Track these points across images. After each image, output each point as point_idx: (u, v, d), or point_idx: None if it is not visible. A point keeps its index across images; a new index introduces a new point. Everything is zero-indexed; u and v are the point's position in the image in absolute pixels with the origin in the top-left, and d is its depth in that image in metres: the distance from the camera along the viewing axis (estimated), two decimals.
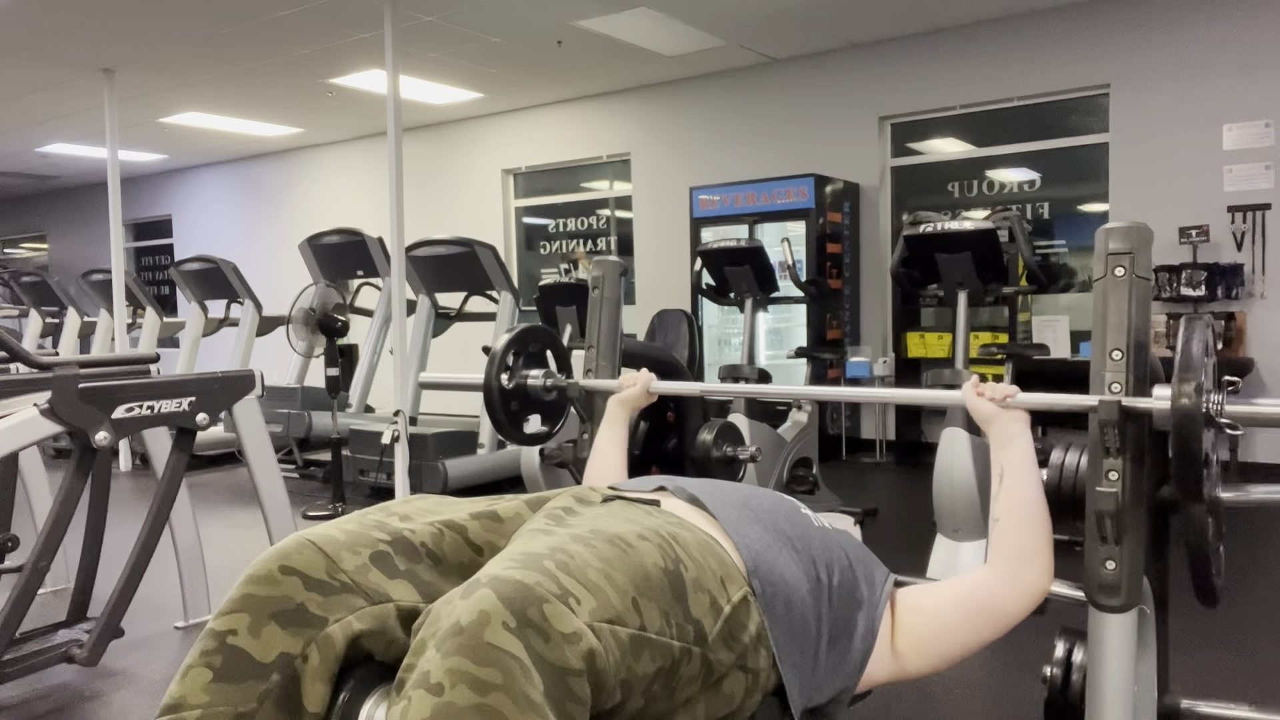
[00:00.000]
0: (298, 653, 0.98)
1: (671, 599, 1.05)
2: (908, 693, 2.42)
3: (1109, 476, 1.33)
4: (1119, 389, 1.33)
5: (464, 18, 5.44)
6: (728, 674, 1.11)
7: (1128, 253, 1.36)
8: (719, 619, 1.10)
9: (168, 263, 9.78)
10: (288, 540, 1.05)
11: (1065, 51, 5.52)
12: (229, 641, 0.97)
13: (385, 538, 1.08)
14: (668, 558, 1.08)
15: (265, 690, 0.96)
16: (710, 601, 1.09)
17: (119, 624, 2.45)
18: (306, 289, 5.22)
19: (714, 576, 1.12)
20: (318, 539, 1.04)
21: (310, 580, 1.00)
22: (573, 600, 0.93)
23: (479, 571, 0.95)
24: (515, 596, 0.89)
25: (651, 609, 1.01)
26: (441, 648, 0.88)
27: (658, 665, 1.00)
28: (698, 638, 1.06)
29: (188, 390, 2.46)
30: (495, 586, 0.90)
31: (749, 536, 1.23)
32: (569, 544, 1.01)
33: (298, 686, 0.98)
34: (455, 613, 0.90)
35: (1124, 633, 1.38)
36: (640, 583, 1.02)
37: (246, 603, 0.99)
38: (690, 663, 1.05)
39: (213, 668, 0.97)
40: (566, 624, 0.90)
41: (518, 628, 0.88)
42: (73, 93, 6.87)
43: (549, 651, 0.88)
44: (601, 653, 0.92)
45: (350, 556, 1.04)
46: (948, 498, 3.29)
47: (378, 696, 1.02)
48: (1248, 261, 5.00)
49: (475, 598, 0.90)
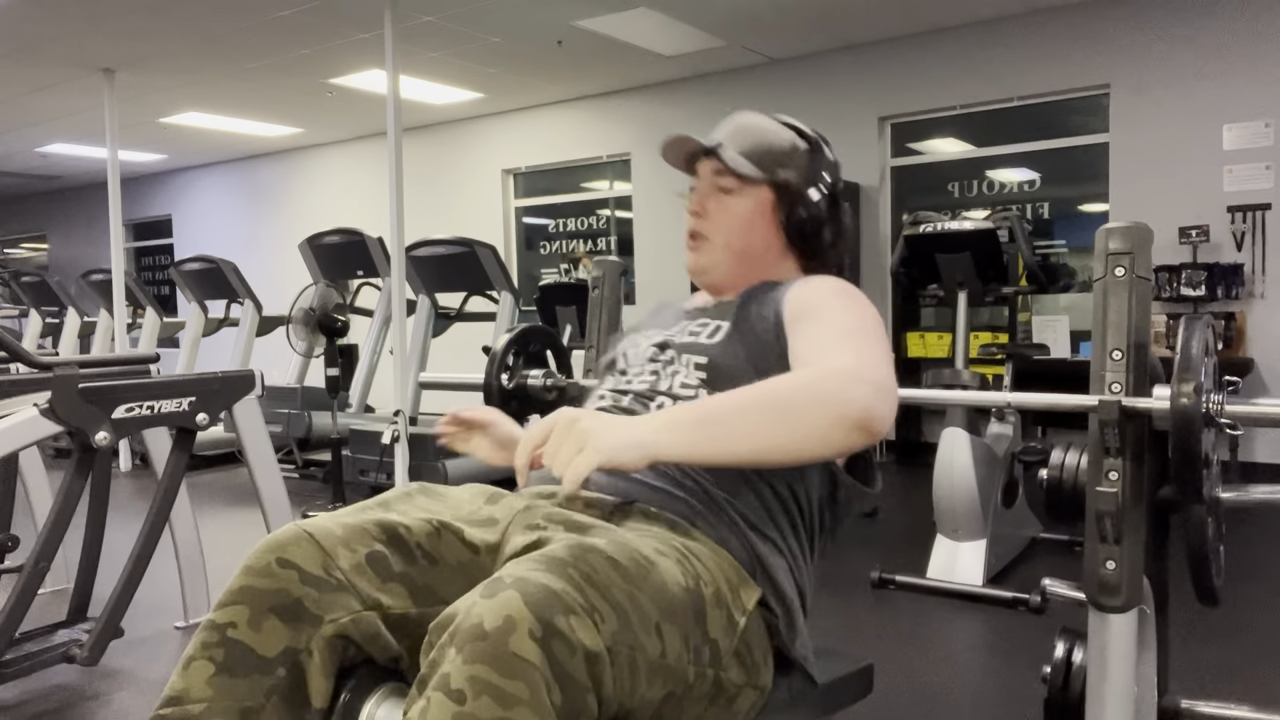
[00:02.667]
0: (301, 647, 0.97)
1: (693, 622, 1.02)
2: (908, 693, 2.42)
3: (1109, 476, 1.33)
4: (1119, 389, 1.33)
5: (464, 18, 5.43)
6: (739, 694, 1.10)
7: (1128, 253, 1.35)
8: (735, 635, 1.09)
9: (168, 263, 9.78)
10: (284, 530, 1.04)
11: (1065, 51, 5.52)
12: (229, 634, 0.97)
13: (381, 535, 1.07)
14: (688, 574, 1.05)
15: (272, 685, 0.96)
16: (727, 619, 1.08)
17: (119, 624, 2.44)
18: (306, 289, 5.22)
19: (731, 588, 1.11)
20: (315, 532, 1.03)
21: (306, 575, 1.00)
22: (598, 616, 0.90)
23: (501, 570, 0.91)
24: (542, 602, 0.86)
25: (674, 634, 0.99)
26: (463, 650, 0.84)
27: (668, 690, 0.99)
28: (713, 659, 1.05)
29: (188, 390, 2.46)
30: (521, 589, 0.86)
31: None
32: (589, 555, 0.97)
33: (303, 682, 0.97)
34: (478, 613, 0.86)
35: (1124, 633, 1.38)
36: (664, 605, 0.99)
37: (245, 595, 0.99)
38: (702, 684, 1.03)
39: (215, 661, 0.96)
40: (592, 642, 0.88)
41: (544, 637, 0.84)
42: (73, 93, 6.86)
43: (572, 666, 0.86)
44: (610, 680, 0.89)
45: (346, 554, 1.03)
46: (947, 498, 3.29)
47: (378, 696, 1.02)
48: (1248, 261, 4.99)
49: (500, 599, 0.86)
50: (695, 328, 1.36)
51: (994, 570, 3.31)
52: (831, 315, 1.24)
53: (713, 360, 1.28)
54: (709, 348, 1.30)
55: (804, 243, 1.40)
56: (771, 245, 1.39)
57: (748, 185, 1.36)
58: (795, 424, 1.01)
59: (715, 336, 1.32)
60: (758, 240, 1.38)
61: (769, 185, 1.37)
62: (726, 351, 1.29)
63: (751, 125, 1.40)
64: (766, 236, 1.38)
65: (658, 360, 1.35)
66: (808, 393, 1.03)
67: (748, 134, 1.39)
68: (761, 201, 1.37)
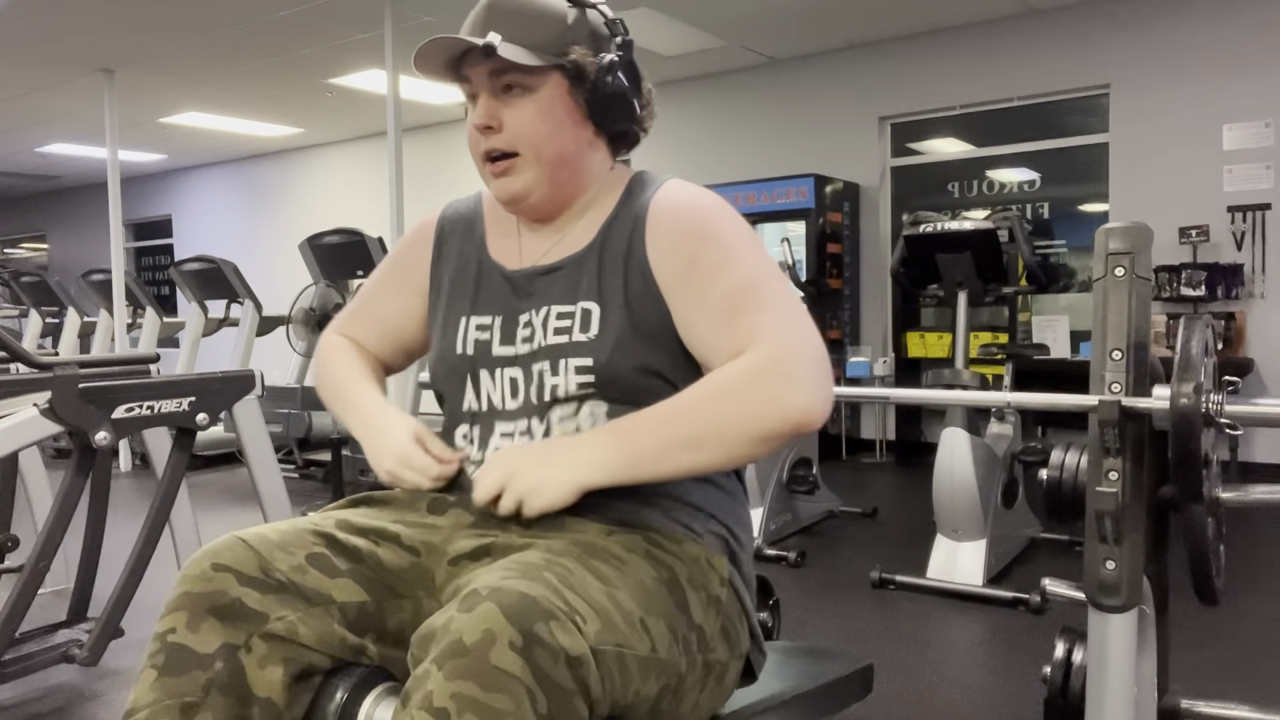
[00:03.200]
0: (240, 643, 0.97)
1: (675, 610, 1.02)
2: (908, 693, 2.42)
3: (1109, 476, 1.33)
4: (1119, 389, 1.33)
5: (464, 18, 5.43)
6: (726, 670, 1.10)
7: (1128, 253, 1.35)
8: (718, 613, 1.08)
9: (168, 263, 9.77)
10: (219, 539, 1.04)
11: (1065, 51, 5.52)
12: (169, 640, 0.97)
13: (319, 541, 1.06)
14: (659, 565, 1.05)
15: (209, 679, 0.95)
16: (707, 598, 1.07)
17: (119, 624, 2.44)
18: (306, 289, 5.22)
19: (699, 566, 1.09)
20: (248, 536, 1.03)
21: (243, 576, 0.99)
22: (579, 619, 0.89)
23: (476, 582, 0.90)
24: (521, 611, 0.85)
25: (660, 627, 0.98)
26: (444, 667, 0.84)
27: (663, 683, 0.98)
28: (700, 644, 1.04)
29: (188, 390, 2.46)
30: (499, 600, 0.86)
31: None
32: (562, 558, 0.96)
33: (243, 673, 0.96)
34: (457, 628, 0.85)
35: (1124, 633, 1.38)
36: (644, 600, 0.98)
37: (183, 601, 0.99)
38: (694, 671, 1.03)
39: (157, 666, 0.96)
40: (574, 645, 0.87)
41: (524, 646, 0.84)
42: (73, 93, 6.86)
43: (555, 672, 0.85)
44: (598, 681, 0.89)
45: (284, 556, 1.02)
46: (948, 498, 3.29)
47: (377, 694, 1.02)
48: (1248, 261, 5.00)
49: (478, 613, 0.85)
50: (556, 315, 1.14)
51: (994, 570, 3.31)
52: (724, 266, 1.08)
53: (599, 367, 1.10)
54: (589, 347, 1.10)
55: (614, 122, 1.18)
56: (580, 138, 1.16)
57: (537, 77, 1.12)
58: (728, 444, 1.02)
59: (589, 328, 1.11)
60: (569, 139, 1.15)
61: (558, 69, 1.12)
62: (615, 353, 1.10)
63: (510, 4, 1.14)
64: (575, 130, 1.15)
65: (517, 364, 1.15)
66: (738, 410, 1.01)
67: (513, 16, 1.13)
68: (558, 91, 1.13)
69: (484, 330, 1.19)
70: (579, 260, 1.16)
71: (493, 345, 1.18)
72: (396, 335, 1.34)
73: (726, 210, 1.15)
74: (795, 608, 3.09)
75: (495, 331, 1.18)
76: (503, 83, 1.13)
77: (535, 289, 1.17)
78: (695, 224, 1.12)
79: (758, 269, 1.09)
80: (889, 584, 3.27)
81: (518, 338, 1.16)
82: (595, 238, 1.16)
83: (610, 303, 1.12)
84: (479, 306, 1.20)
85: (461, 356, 1.19)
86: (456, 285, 1.24)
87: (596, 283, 1.13)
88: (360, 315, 1.37)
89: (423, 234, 1.30)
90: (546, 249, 1.19)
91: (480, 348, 1.18)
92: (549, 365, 1.12)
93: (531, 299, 1.17)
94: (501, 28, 1.11)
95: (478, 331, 1.19)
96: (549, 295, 1.16)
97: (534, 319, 1.15)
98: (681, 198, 1.16)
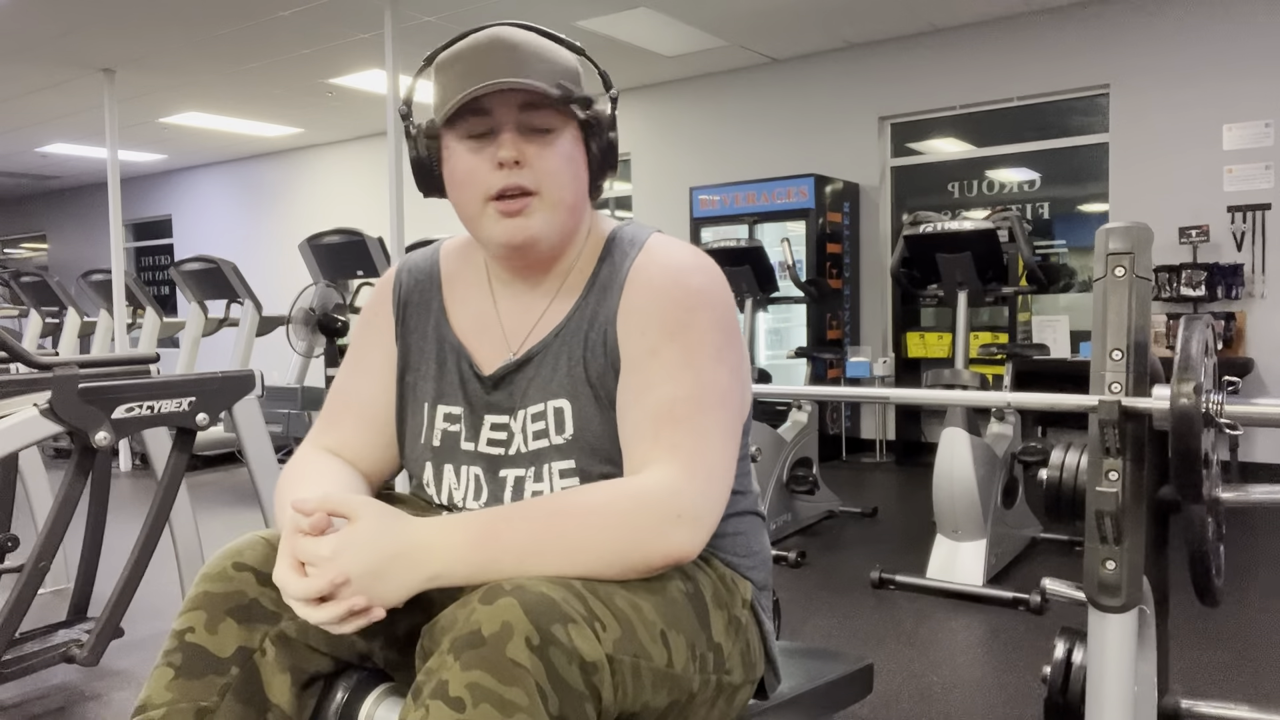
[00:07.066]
0: (255, 646, 0.98)
1: (697, 626, 1.02)
2: (908, 693, 2.42)
3: (1109, 476, 1.33)
4: (1119, 389, 1.33)
5: (464, 18, 5.43)
6: (738, 691, 1.10)
7: (1128, 253, 1.35)
8: (738, 636, 1.08)
9: (168, 263, 9.78)
10: (242, 538, 1.04)
11: (1065, 51, 5.52)
12: (187, 639, 0.97)
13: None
14: (686, 577, 1.04)
15: (225, 684, 0.96)
16: (728, 618, 1.08)
17: (119, 624, 2.44)
18: (306, 289, 5.22)
19: (725, 583, 1.10)
20: (271, 537, 1.04)
21: (262, 575, 1.00)
22: (599, 625, 0.89)
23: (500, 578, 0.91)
24: (540, 611, 0.85)
25: (680, 642, 0.98)
26: (461, 657, 0.84)
27: (673, 699, 0.98)
28: (717, 665, 1.04)
29: (188, 390, 2.46)
30: (520, 596, 0.86)
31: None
32: None
33: (258, 679, 0.97)
34: (476, 619, 0.86)
35: (1124, 633, 1.38)
36: (668, 613, 0.98)
37: (202, 600, 0.99)
38: (706, 690, 1.03)
39: (174, 665, 0.97)
40: (590, 651, 0.87)
41: (540, 645, 0.84)
42: (73, 93, 6.86)
43: (568, 674, 0.85)
44: (610, 689, 0.89)
45: None
46: (948, 498, 3.29)
47: (377, 695, 1.02)
48: (1248, 261, 5.00)
49: (499, 605, 0.85)
50: (531, 417, 1.10)
51: (994, 570, 3.31)
52: (677, 371, 1.03)
53: (582, 464, 1.07)
54: (568, 449, 1.08)
55: (605, 176, 1.15)
56: (584, 188, 1.13)
57: (562, 120, 1.08)
58: (600, 563, 0.94)
59: (564, 429, 1.08)
60: (581, 188, 1.11)
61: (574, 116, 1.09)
62: (593, 443, 1.07)
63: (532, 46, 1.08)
64: (583, 180, 1.12)
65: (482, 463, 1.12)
66: (620, 534, 0.95)
67: (539, 60, 1.07)
68: (575, 137, 1.09)
69: (452, 422, 1.14)
70: (547, 346, 1.11)
71: (460, 439, 1.13)
72: (386, 424, 1.19)
73: (710, 294, 1.09)
74: (795, 608, 3.10)
75: (463, 425, 1.13)
76: (532, 123, 1.06)
77: (505, 384, 1.12)
78: (669, 313, 1.06)
79: (707, 388, 1.04)
80: (889, 584, 3.27)
81: (482, 438, 1.12)
82: (566, 317, 1.11)
83: (579, 395, 1.08)
84: (445, 395, 1.15)
85: (426, 446, 1.15)
86: (419, 367, 1.17)
87: (566, 373, 1.09)
88: (336, 417, 1.21)
89: (381, 306, 1.22)
90: (517, 325, 1.14)
91: (448, 439, 1.14)
92: (532, 472, 1.09)
93: (502, 395, 1.12)
94: (532, 71, 1.05)
95: (445, 422, 1.14)
96: (523, 395, 1.11)
97: (511, 424, 1.11)
98: (665, 275, 1.09)
